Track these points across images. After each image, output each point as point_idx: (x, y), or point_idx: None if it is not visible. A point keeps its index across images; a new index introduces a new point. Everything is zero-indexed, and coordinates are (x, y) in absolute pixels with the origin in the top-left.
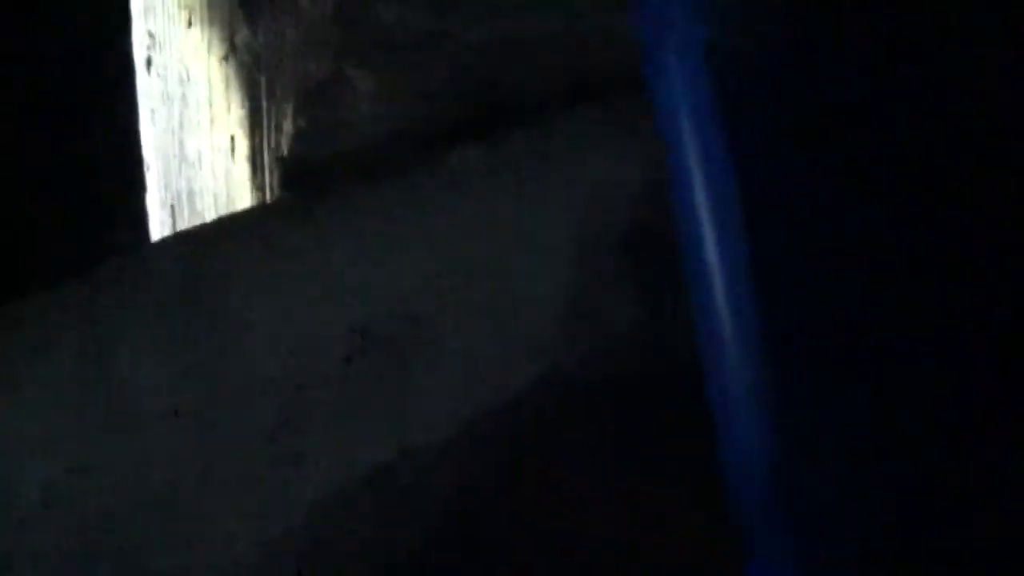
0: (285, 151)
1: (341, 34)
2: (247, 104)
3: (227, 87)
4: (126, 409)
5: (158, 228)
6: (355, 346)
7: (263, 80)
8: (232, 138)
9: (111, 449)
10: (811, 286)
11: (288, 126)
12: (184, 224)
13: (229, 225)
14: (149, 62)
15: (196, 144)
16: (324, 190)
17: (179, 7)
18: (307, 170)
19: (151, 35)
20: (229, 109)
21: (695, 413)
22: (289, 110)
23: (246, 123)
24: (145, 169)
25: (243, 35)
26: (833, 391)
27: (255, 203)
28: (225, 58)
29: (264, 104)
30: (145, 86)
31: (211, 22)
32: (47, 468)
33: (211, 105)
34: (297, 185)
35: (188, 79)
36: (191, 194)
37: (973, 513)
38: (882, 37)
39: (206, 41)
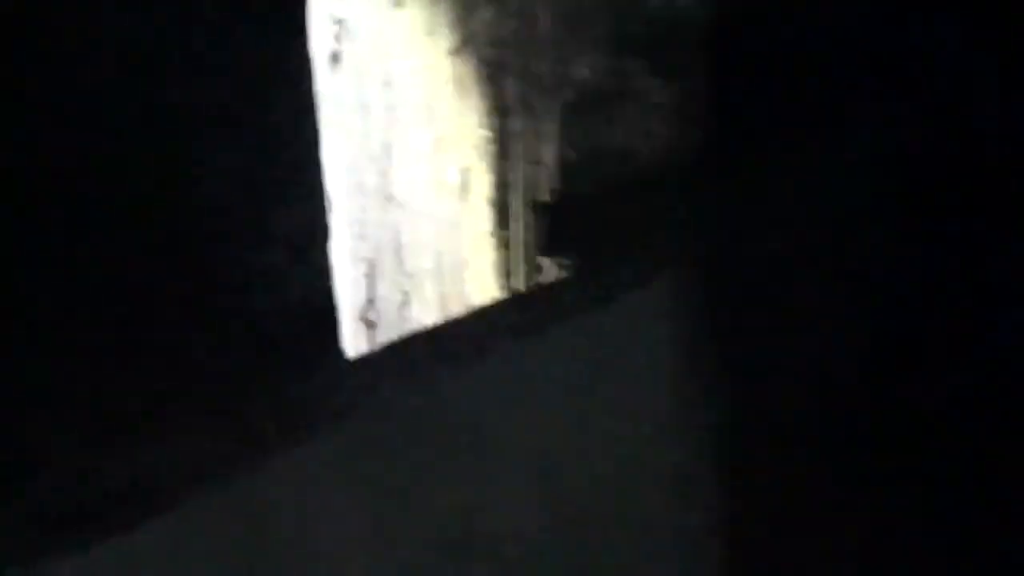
0: (545, 192)
1: (615, 21)
2: (489, 120)
3: (458, 94)
4: None
5: (348, 292)
6: None
7: (511, 84)
8: (465, 171)
9: None
10: None
11: (548, 153)
12: (385, 290)
13: (467, 338)
14: (335, 58)
15: (408, 177)
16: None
17: None
18: (578, 221)
19: (338, 21)
20: (462, 128)
21: None
22: (551, 130)
23: (487, 148)
24: (327, 208)
25: (483, 18)
26: None
27: (500, 273)
28: (456, 51)
29: (513, 121)
30: (329, 92)
31: (435, 0)
32: None
33: (432, 120)
34: (566, 244)
35: (395, 82)
36: (398, 248)
37: None
38: None
39: (425, 27)
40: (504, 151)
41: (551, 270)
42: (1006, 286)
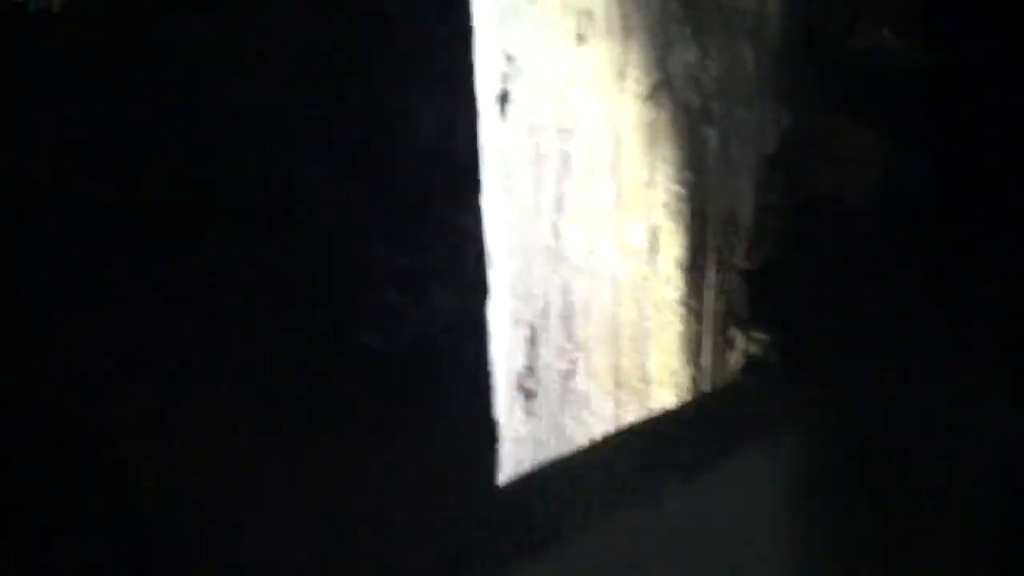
0: (742, 256)
1: (819, 67)
2: (684, 174)
3: (650, 143)
4: None
5: (503, 357)
6: None
7: (712, 135)
8: (654, 231)
9: None
10: None
11: (744, 215)
12: (549, 358)
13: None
14: (504, 98)
15: (585, 235)
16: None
17: (563, 11)
18: (779, 291)
19: (509, 57)
20: (651, 182)
21: None
22: (746, 186)
23: (680, 206)
24: (486, 265)
25: (684, 59)
26: None
27: (687, 348)
28: (651, 96)
29: (711, 176)
30: (495, 137)
31: (626, 36)
32: None
33: (617, 174)
34: (764, 317)
35: (575, 128)
36: (568, 312)
37: None
38: None
39: (614, 67)
40: (699, 209)
41: (743, 344)
42: None
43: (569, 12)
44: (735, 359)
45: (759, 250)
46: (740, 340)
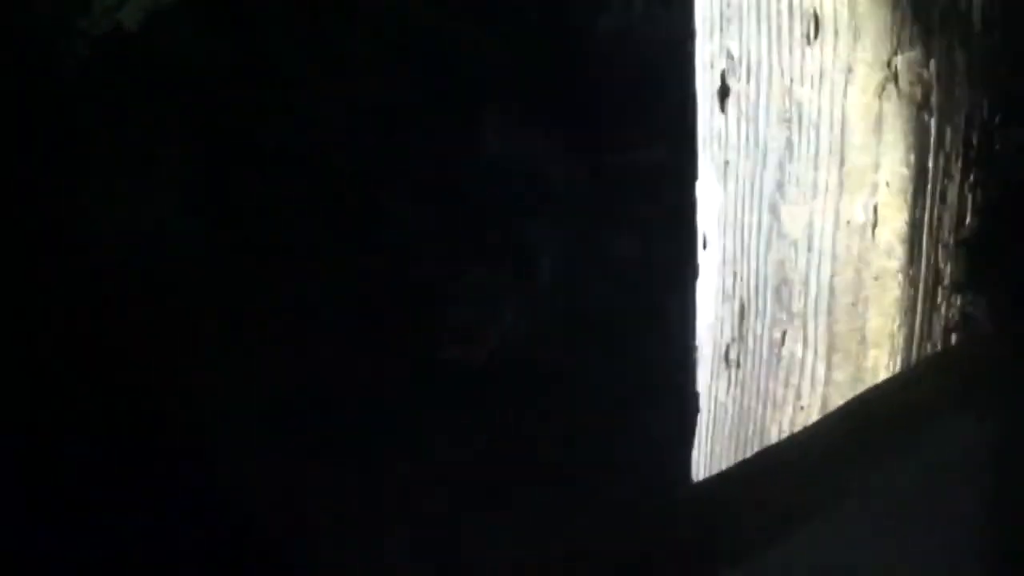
0: (954, 237)
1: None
2: (909, 159)
3: (876, 132)
4: None
5: (713, 330)
6: None
7: (932, 125)
8: (876, 208)
9: None
10: None
11: (953, 193)
12: (760, 329)
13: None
14: (724, 93)
15: (805, 214)
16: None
17: (792, 11)
18: (991, 275)
19: (730, 55)
20: (877, 166)
21: None
22: (957, 172)
23: (904, 187)
24: (700, 246)
25: (909, 57)
26: None
27: (904, 311)
28: (879, 91)
29: (931, 162)
30: (712, 130)
31: (857, 35)
32: None
33: (843, 161)
34: (977, 285)
35: (800, 119)
36: (783, 285)
37: None
38: None
39: (843, 64)
40: (919, 189)
41: (954, 308)
42: None
43: (796, 13)
44: (946, 321)
45: (968, 224)
46: (950, 304)
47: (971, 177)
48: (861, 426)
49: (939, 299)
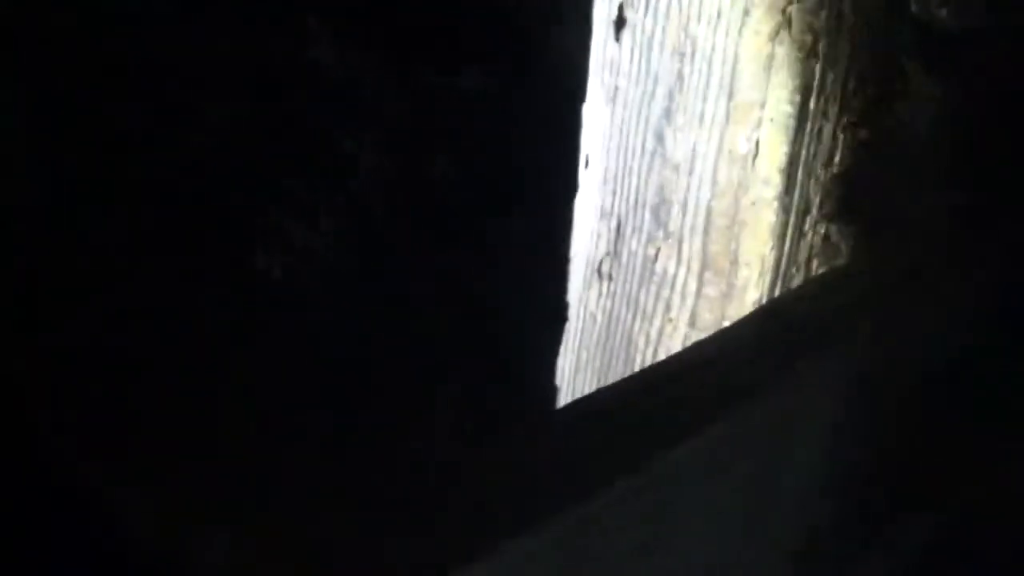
0: (825, 172)
1: (899, 25)
2: (795, 99)
3: (766, 72)
4: None
5: (586, 243)
6: None
7: (817, 70)
8: (758, 141)
9: None
10: None
11: (827, 132)
12: (635, 246)
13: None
14: (620, 24)
15: (690, 141)
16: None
17: None
18: (855, 207)
19: None
20: (763, 103)
21: None
22: (833, 114)
23: (787, 124)
24: (582, 166)
25: (803, 7)
26: None
27: (776, 235)
28: (772, 35)
29: (812, 103)
30: (605, 56)
31: None
32: None
33: (732, 95)
34: (845, 217)
35: (694, 54)
36: (661, 205)
37: None
38: None
39: (741, 7)
40: (800, 127)
41: (820, 233)
42: None
43: None
44: (811, 248)
45: (837, 161)
46: (816, 232)
47: (844, 119)
48: (768, 333)
49: (807, 227)
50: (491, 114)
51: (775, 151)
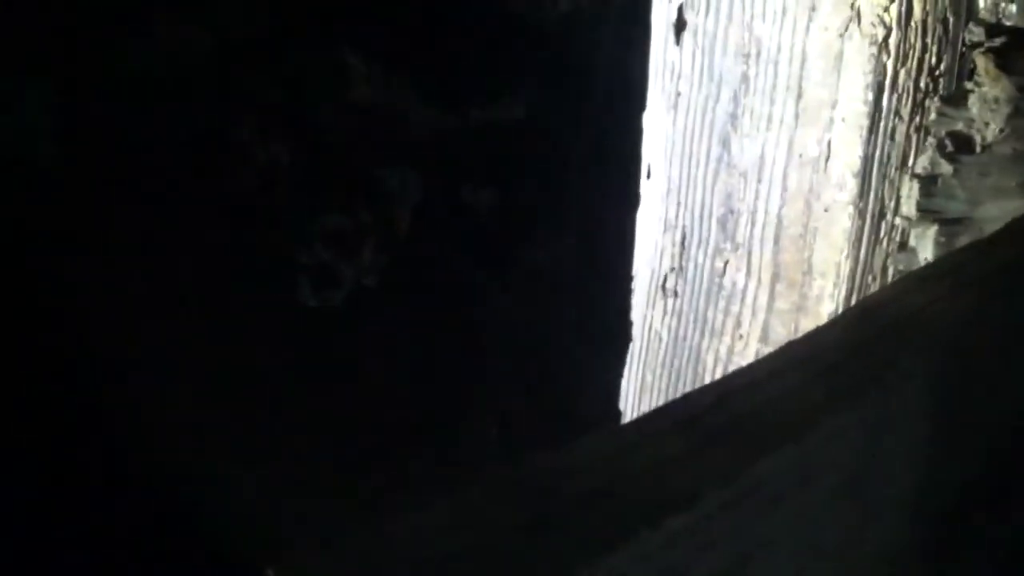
0: (899, 173)
1: (964, 14)
2: (867, 97)
3: (835, 70)
4: None
5: (649, 258)
6: None
7: (889, 66)
8: (828, 143)
9: None
10: None
11: (901, 132)
12: (702, 259)
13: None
14: (680, 27)
15: (757, 146)
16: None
17: None
18: (932, 210)
19: None
20: (834, 103)
21: None
22: (907, 113)
23: (860, 123)
24: (643, 175)
25: (874, 0)
26: None
27: (852, 241)
28: (841, 30)
29: (885, 101)
30: (666, 60)
31: None
32: None
33: (801, 95)
34: (924, 221)
35: (759, 54)
36: (728, 215)
37: None
38: None
39: (807, 2)
40: (873, 126)
41: (897, 238)
42: None
43: None
44: (887, 254)
45: (912, 162)
46: (891, 238)
47: (917, 118)
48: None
49: (882, 232)
50: (537, 140)
51: (848, 152)
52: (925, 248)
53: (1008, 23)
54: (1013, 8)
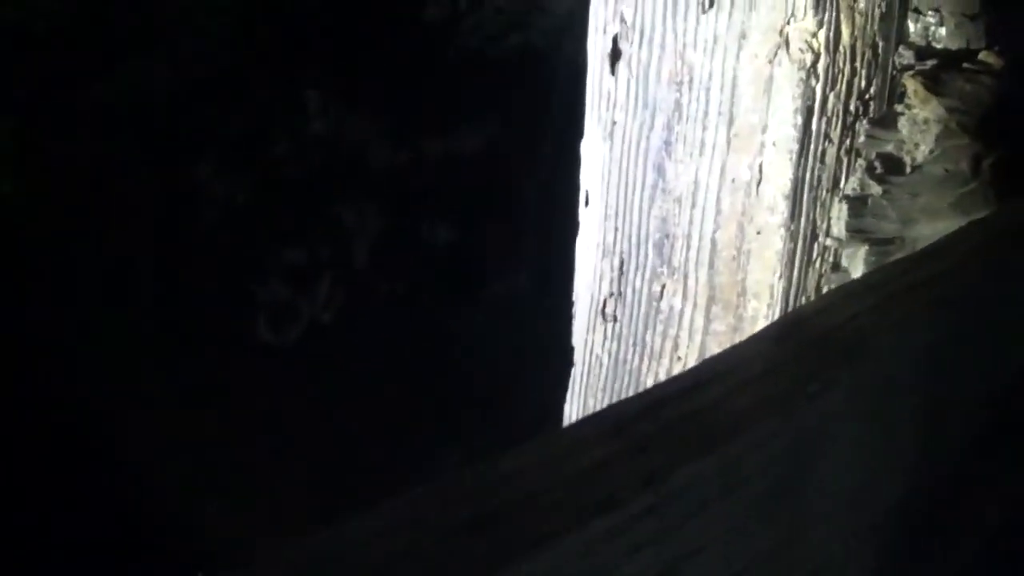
0: (830, 195)
1: (894, 37)
2: (796, 121)
3: (766, 95)
4: None
5: (589, 284)
6: None
7: (818, 90)
8: (760, 167)
9: None
10: None
11: (830, 154)
12: (639, 284)
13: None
14: (615, 56)
15: (691, 171)
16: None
17: None
18: (863, 230)
19: (623, 19)
20: (764, 127)
21: None
22: (836, 136)
23: (790, 147)
24: (582, 204)
25: (801, 27)
26: None
27: (785, 263)
28: (770, 57)
29: (814, 124)
30: (601, 90)
31: (753, 5)
32: None
33: (732, 121)
34: (856, 237)
35: (690, 82)
36: (664, 240)
37: None
38: None
39: (737, 31)
40: (803, 149)
41: (829, 259)
42: None
43: None
44: (819, 274)
45: (842, 184)
46: (824, 258)
47: (847, 141)
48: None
49: (815, 253)
50: (494, 173)
51: (779, 176)
52: (856, 268)
53: (938, 46)
54: (943, 31)
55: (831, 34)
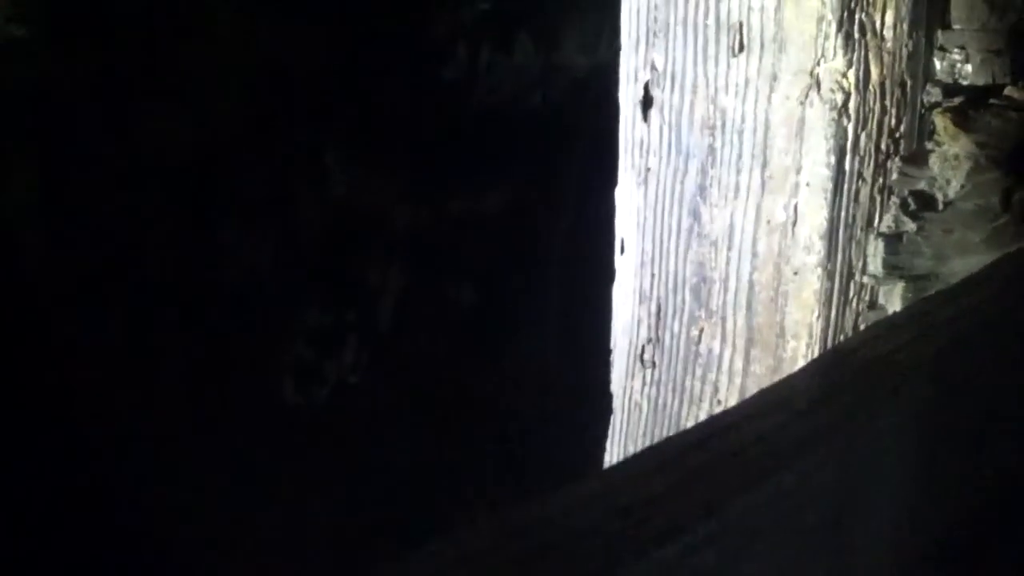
0: (865, 234)
1: (921, 75)
2: (829, 161)
3: (798, 136)
4: None
5: (626, 330)
6: None
7: (850, 129)
8: (795, 208)
9: None
10: None
11: (864, 192)
12: (677, 328)
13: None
14: (647, 103)
15: (726, 215)
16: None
17: (719, 27)
18: (898, 267)
19: (655, 67)
20: (799, 168)
21: None
22: (869, 174)
23: (824, 187)
24: (618, 251)
25: (831, 67)
26: None
27: (823, 303)
28: (802, 98)
29: (847, 164)
30: (634, 137)
31: (782, 47)
32: None
33: (766, 164)
34: (892, 279)
35: (723, 126)
36: (701, 284)
37: None
38: None
39: (768, 73)
40: (837, 189)
41: (867, 297)
42: None
43: (724, 28)
44: (857, 312)
45: (877, 222)
46: (860, 297)
47: (880, 179)
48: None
49: (851, 292)
50: (518, 230)
51: (814, 216)
52: (893, 304)
53: (965, 83)
54: (969, 68)
55: (861, 73)
